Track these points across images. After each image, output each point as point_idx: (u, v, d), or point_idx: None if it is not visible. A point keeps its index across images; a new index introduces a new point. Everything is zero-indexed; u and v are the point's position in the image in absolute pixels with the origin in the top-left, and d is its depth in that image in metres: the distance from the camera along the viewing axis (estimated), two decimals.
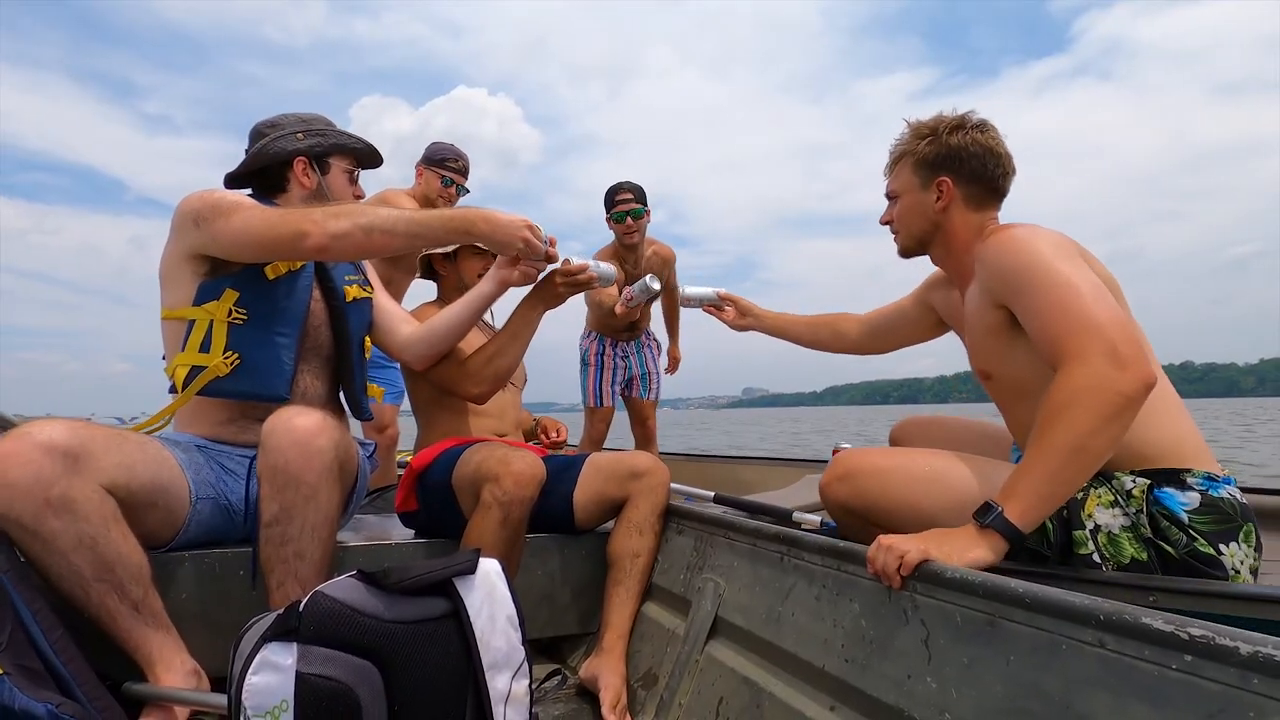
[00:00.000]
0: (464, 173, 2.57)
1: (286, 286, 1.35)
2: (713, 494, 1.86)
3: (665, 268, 2.88)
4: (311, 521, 1.13)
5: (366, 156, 1.51)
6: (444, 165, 2.54)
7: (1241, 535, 1.00)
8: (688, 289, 1.83)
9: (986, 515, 0.93)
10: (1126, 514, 1.04)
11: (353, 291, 1.47)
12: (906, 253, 1.35)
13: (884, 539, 0.93)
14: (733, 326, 1.81)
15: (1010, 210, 1.28)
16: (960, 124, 1.24)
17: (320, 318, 1.43)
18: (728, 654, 1.18)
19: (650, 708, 1.26)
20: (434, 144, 2.58)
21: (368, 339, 1.53)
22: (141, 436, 1.20)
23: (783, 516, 1.58)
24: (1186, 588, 0.93)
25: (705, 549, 1.36)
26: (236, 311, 1.29)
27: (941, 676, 0.79)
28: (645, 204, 2.70)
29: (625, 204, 2.67)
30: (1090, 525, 1.05)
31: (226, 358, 1.28)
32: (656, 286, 1.79)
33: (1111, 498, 1.06)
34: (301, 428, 1.12)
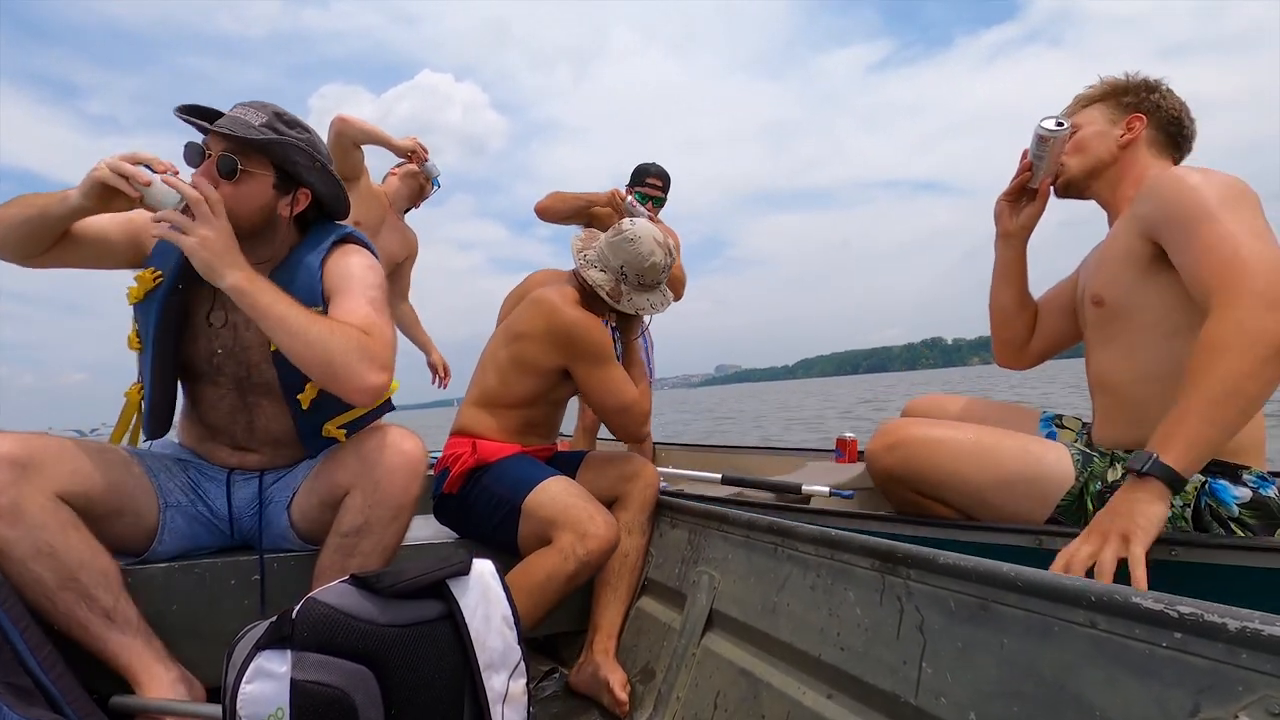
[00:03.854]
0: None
1: (144, 311, 1.23)
2: (720, 475, 1.88)
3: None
4: (385, 542, 1.15)
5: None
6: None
7: (1278, 534, 1.03)
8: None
9: (1143, 462, 0.90)
10: (1171, 506, 1.03)
11: None
12: (1069, 186, 1.33)
13: (1070, 560, 0.90)
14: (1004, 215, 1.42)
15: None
16: (1156, 85, 1.28)
17: (224, 351, 1.25)
18: (724, 646, 1.18)
19: (649, 702, 1.26)
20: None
21: (310, 386, 1.23)
22: (103, 445, 1.19)
23: (792, 489, 1.61)
24: (1207, 541, 0.96)
25: (699, 542, 1.37)
26: (136, 340, 1.25)
27: (937, 661, 0.80)
28: (666, 195, 2.82)
29: (653, 189, 2.78)
30: None
31: (139, 386, 1.26)
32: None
33: None
34: (412, 451, 1.16)
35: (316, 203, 1.31)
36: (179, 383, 1.29)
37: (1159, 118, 1.26)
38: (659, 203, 2.79)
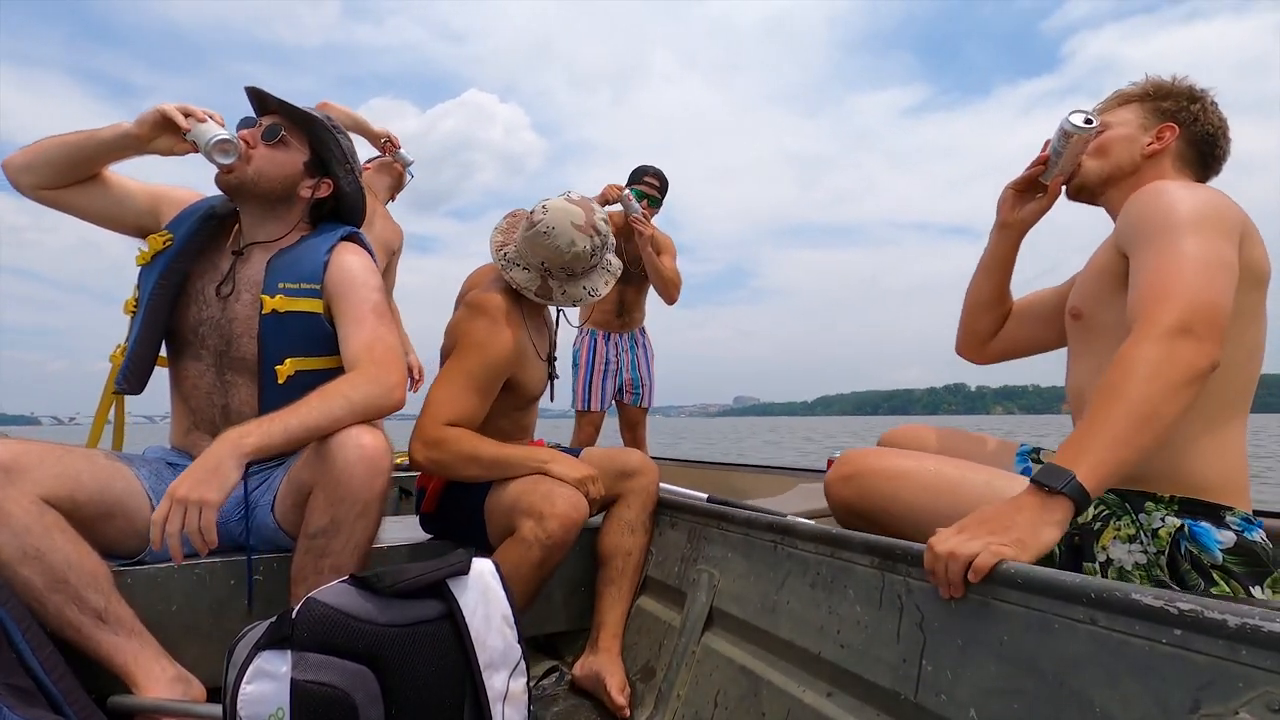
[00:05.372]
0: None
1: (147, 274, 1.30)
2: (706, 495, 1.86)
3: (661, 252, 2.83)
4: (356, 540, 1.14)
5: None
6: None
7: (1268, 581, 0.97)
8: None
9: (1056, 479, 0.82)
10: (1145, 552, 0.99)
11: (273, 303, 1.28)
12: (1081, 189, 1.25)
13: (937, 543, 0.81)
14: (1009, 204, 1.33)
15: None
16: (1199, 96, 1.20)
17: (210, 322, 1.30)
18: (724, 644, 1.18)
19: (649, 700, 1.26)
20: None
21: (291, 361, 1.29)
22: (89, 450, 1.20)
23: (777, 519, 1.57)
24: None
25: (699, 541, 1.37)
26: (133, 303, 1.31)
27: (937, 659, 0.80)
28: (663, 198, 2.89)
29: (650, 188, 2.83)
30: (1102, 558, 1.01)
31: (123, 348, 1.31)
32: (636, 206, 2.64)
33: (1133, 532, 1.02)
34: (370, 445, 1.13)
35: (335, 199, 1.41)
36: (166, 362, 1.35)
37: (1193, 131, 1.18)
38: (655, 202, 2.82)
